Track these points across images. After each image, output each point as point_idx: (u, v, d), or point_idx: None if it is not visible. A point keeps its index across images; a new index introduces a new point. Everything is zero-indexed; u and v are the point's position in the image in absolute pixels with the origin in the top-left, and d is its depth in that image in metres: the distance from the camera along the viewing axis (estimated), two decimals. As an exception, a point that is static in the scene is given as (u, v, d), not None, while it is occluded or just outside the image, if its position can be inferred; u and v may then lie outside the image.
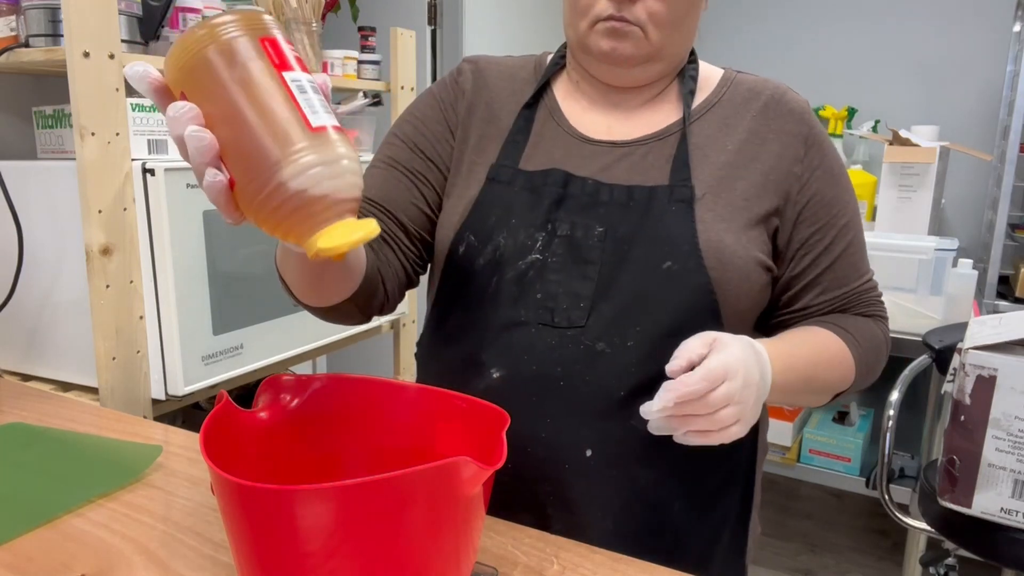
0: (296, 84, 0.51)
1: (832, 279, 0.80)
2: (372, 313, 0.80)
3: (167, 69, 0.52)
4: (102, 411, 1.00)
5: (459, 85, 0.87)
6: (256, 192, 0.50)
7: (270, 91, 0.50)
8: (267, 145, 0.49)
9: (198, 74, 0.50)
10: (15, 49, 1.09)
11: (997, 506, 1.09)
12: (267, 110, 0.50)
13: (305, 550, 0.47)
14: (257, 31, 0.52)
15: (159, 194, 1.07)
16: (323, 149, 0.51)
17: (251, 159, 0.50)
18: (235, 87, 0.50)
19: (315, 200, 0.50)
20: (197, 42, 0.50)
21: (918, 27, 2.68)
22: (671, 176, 0.77)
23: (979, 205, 2.66)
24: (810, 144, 0.79)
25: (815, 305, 0.81)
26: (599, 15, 0.74)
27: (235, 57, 0.50)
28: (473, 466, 0.48)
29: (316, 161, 0.50)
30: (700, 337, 0.65)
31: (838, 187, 0.80)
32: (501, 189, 0.79)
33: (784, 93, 0.82)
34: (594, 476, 0.74)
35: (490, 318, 0.77)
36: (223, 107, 0.50)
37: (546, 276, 0.76)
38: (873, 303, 0.84)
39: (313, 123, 0.51)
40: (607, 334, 0.73)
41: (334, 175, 0.51)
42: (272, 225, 0.52)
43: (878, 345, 0.82)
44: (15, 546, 0.66)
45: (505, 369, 0.75)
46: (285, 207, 0.50)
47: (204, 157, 0.50)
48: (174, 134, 0.50)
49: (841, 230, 0.80)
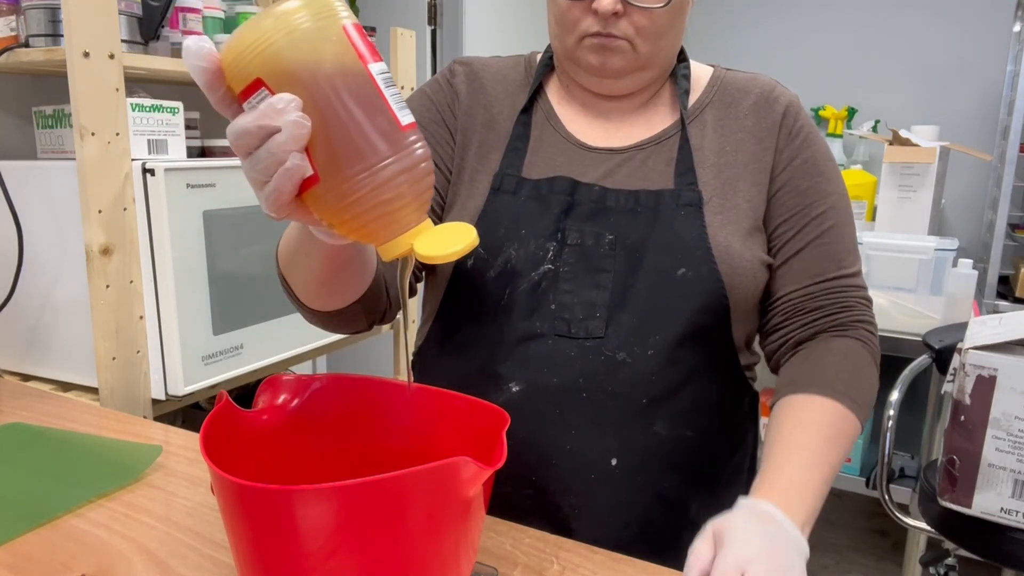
0: (382, 78, 0.49)
1: (801, 269, 0.78)
2: (375, 319, 0.79)
3: (234, 53, 0.47)
4: (102, 411, 1.00)
5: (453, 87, 0.86)
6: (345, 193, 0.48)
7: (363, 87, 0.48)
8: (361, 146, 0.47)
9: (282, 63, 0.46)
10: (15, 49, 1.09)
11: (997, 506, 1.08)
12: (362, 108, 0.48)
13: (305, 550, 0.47)
14: (336, 18, 0.48)
15: (159, 194, 1.07)
16: (411, 149, 0.49)
17: (342, 158, 0.48)
18: (327, 81, 0.47)
19: (406, 203, 0.49)
20: (278, 29, 0.46)
21: (918, 27, 2.68)
22: (675, 180, 0.77)
23: (979, 205, 2.66)
24: (792, 136, 0.79)
25: (790, 299, 0.78)
26: (586, 31, 0.74)
27: (322, 47, 0.47)
28: (473, 466, 0.48)
29: (409, 164, 0.49)
30: (702, 536, 0.58)
31: (814, 179, 0.78)
32: (507, 199, 0.79)
33: (772, 89, 0.81)
34: (620, 484, 0.74)
35: (504, 331, 0.76)
36: (314, 101, 0.47)
37: (559, 286, 0.75)
38: (856, 307, 0.79)
39: (403, 121, 0.49)
40: (627, 344, 0.73)
41: (420, 176, 0.50)
42: (351, 226, 0.50)
43: (871, 384, 0.76)
44: (15, 546, 0.66)
45: (524, 382, 0.75)
46: (375, 210, 0.48)
47: (297, 144, 0.47)
48: (262, 122, 0.46)
49: (813, 220, 0.78)
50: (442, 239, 0.51)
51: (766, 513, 0.60)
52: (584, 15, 0.73)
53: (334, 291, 0.70)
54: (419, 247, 0.50)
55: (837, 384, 0.72)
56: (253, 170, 0.48)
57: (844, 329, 0.78)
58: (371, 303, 0.75)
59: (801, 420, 0.70)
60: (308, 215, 0.51)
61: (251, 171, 0.49)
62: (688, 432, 0.75)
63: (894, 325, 1.87)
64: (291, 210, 0.50)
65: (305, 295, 0.71)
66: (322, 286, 0.69)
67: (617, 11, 0.71)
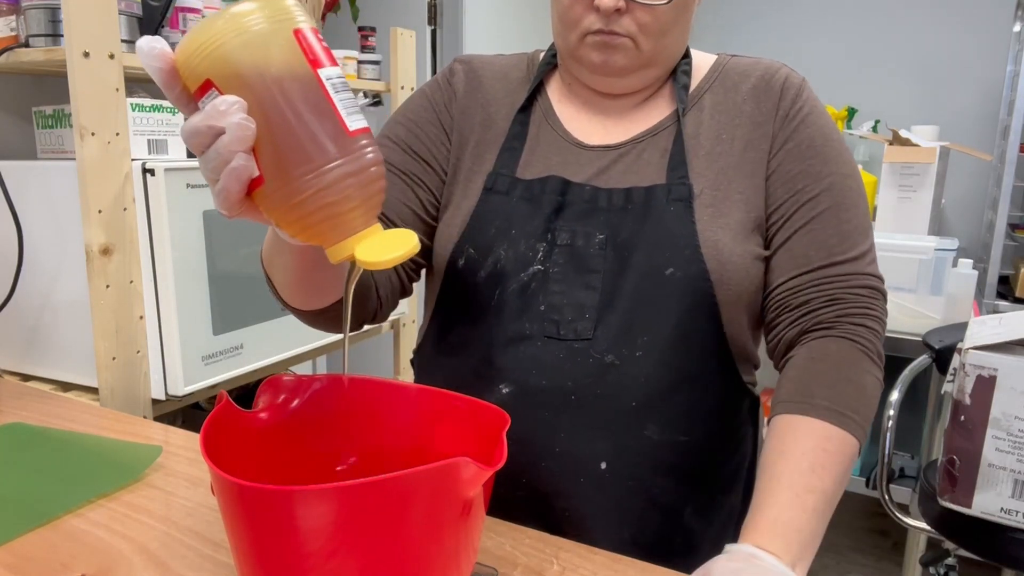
0: (331, 83, 0.50)
1: (788, 259, 0.73)
2: (364, 319, 0.79)
3: (185, 54, 0.49)
4: (102, 411, 1.00)
5: (452, 86, 0.85)
6: (291, 194, 0.49)
7: (310, 91, 0.49)
8: (307, 149, 0.48)
9: (230, 65, 0.47)
10: (15, 49, 1.09)
11: (997, 506, 1.08)
12: (308, 112, 0.48)
13: (305, 550, 0.47)
14: (289, 21, 0.49)
15: (159, 194, 1.07)
16: (360, 154, 0.50)
17: (287, 160, 0.48)
18: (274, 84, 0.48)
19: (353, 207, 0.50)
20: (228, 31, 0.47)
21: (918, 27, 2.68)
22: (668, 174, 0.75)
23: (979, 205, 2.66)
24: (789, 119, 0.76)
25: (778, 293, 0.74)
26: (588, 28, 0.73)
27: (271, 51, 0.48)
28: (473, 467, 0.48)
29: (356, 168, 0.49)
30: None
31: (806, 161, 0.74)
32: (499, 199, 0.78)
33: (775, 72, 0.78)
34: (610, 488, 0.73)
35: (494, 331, 0.76)
36: (260, 104, 0.48)
37: (549, 287, 0.74)
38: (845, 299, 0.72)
39: (350, 127, 0.50)
40: (615, 346, 0.72)
41: (369, 181, 0.50)
42: (297, 227, 0.51)
43: (862, 390, 0.69)
44: (15, 546, 0.66)
45: (514, 384, 0.74)
46: (320, 212, 0.49)
47: (242, 145, 0.48)
48: (209, 123, 0.47)
49: (804, 205, 0.74)
50: (383, 245, 0.51)
51: (749, 555, 0.58)
52: (586, 12, 0.73)
53: (311, 290, 0.70)
54: (359, 253, 0.51)
55: (818, 400, 0.67)
56: (205, 168, 0.50)
57: (829, 328, 0.71)
58: (354, 305, 0.75)
59: (783, 450, 0.65)
60: (259, 214, 0.52)
61: (203, 169, 0.50)
62: (681, 437, 0.74)
63: (894, 325, 1.87)
64: (241, 209, 0.51)
65: (286, 294, 0.72)
66: (299, 285, 0.69)
67: (619, 8, 0.71)
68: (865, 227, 0.75)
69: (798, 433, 0.66)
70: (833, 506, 0.64)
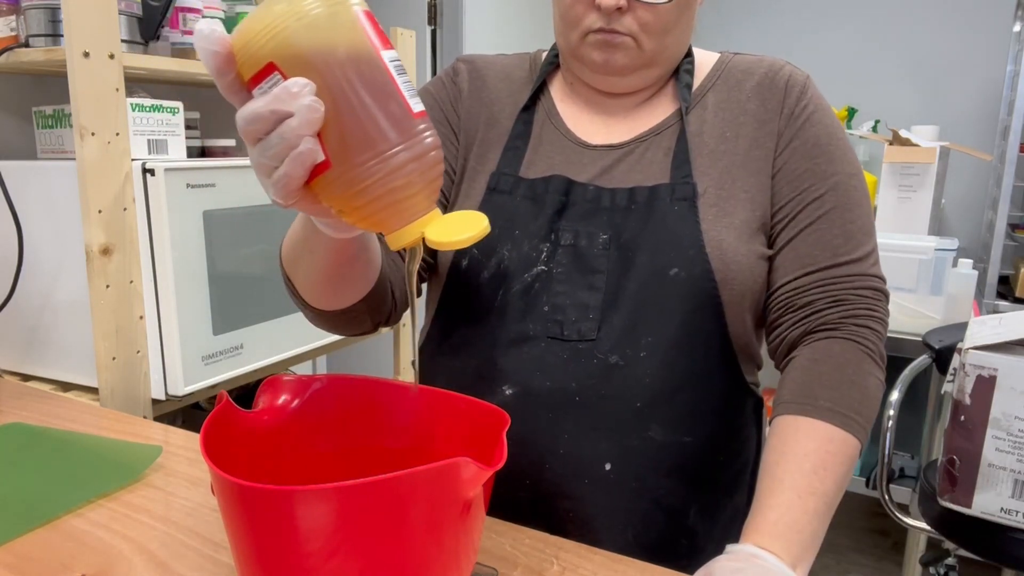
0: (394, 65, 0.49)
1: (793, 259, 0.73)
2: (380, 320, 0.78)
3: (245, 38, 0.47)
4: (102, 411, 1.00)
5: (456, 85, 0.85)
6: (355, 180, 0.48)
7: (377, 73, 0.48)
8: (373, 134, 0.47)
9: (295, 48, 0.46)
10: (15, 49, 1.09)
11: (997, 506, 1.08)
12: (375, 95, 0.47)
13: (305, 551, 0.47)
14: (350, 3, 0.48)
15: (159, 194, 1.07)
16: (421, 137, 0.49)
17: (353, 145, 0.47)
18: (341, 67, 0.47)
19: (416, 191, 0.49)
20: (291, 14, 0.46)
21: (918, 27, 2.68)
22: (672, 173, 0.75)
23: (979, 205, 2.66)
24: (794, 117, 0.76)
25: (782, 294, 0.74)
26: (589, 27, 0.73)
27: (337, 33, 0.47)
28: (473, 467, 0.48)
29: (419, 152, 0.49)
30: None
31: (812, 160, 0.74)
32: (502, 199, 0.78)
33: (779, 70, 0.78)
34: (614, 489, 0.73)
35: (497, 333, 0.75)
36: (328, 87, 0.47)
37: (552, 288, 0.74)
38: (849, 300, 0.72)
39: (414, 109, 0.49)
40: (619, 346, 0.72)
41: (430, 165, 0.50)
42: (361, 214, 0.50)
43: (865, 392, 0.69)
44: (15, 546, 0.66)
45: (518, 386, 0.74)
46: (385, 197, 0.48)
47: (311, 129, 0.46)
48: (274, 107, 0.46)
49: (809, 205, 0.73)
50: (453, 226, 0.51)
51: (751, 555, 0.58)
52: (588, 11, 0.73)
53: (339, 289, 0.69)
54: (430, 233, 0.50)
55: (822, 401, 0.67)
56: (263, 156, 0.48)
57: (833, 329, 0.71)
58: (376, 303, 0.75)
59: (784, 451, 0.66)
60: (315, 204, 0.51)
61: (261, 157, 0.48)
62: (686, 438, 0.74)
63: (894, 325, 1.86)
64: (299, 197, 0.50)
65: (310, 294, 0.71)
66: (327, 284, 0.69)
67: (621, 7, 0.70)
68: (869, 227, 0.75)
69: (800, 434, 0.66)
70: (834, 507, 0.65)
